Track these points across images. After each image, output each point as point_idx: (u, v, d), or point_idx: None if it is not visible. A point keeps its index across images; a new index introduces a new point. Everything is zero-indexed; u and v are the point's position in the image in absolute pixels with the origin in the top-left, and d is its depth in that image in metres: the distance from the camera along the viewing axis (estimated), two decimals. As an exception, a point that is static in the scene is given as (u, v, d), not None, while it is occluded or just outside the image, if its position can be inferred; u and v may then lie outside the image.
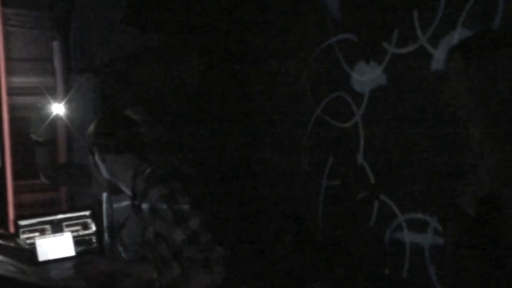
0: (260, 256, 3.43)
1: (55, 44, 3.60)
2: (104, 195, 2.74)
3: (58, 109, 2.79)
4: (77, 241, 2.82)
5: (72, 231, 2.83)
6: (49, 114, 2.67)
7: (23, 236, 2.74)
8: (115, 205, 2.61)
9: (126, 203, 2.43)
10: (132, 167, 2.14)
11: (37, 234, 2.77)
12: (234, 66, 4.09)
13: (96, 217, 2.89)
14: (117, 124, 2.20)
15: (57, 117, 2.72)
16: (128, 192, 2.17)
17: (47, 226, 2.80)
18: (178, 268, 2.04)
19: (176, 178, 2.06)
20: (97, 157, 2.19)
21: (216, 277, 1.92)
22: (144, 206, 2.05)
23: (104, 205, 2.75)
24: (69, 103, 3.06)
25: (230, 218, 3.69)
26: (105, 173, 2.20)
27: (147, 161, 2.17)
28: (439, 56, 2.70)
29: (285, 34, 3.82)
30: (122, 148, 2.15)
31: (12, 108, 3.36)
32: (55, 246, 2.77)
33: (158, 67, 3.94)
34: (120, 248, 2.56)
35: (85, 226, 2.86)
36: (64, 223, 2.84)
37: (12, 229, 2.89)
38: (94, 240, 2.86)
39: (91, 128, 2.24)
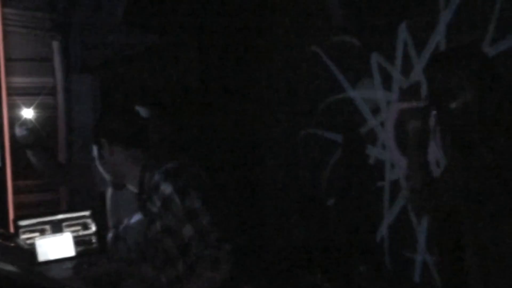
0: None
1: (55, 44, 3.59)
2: (109, 192, 2.73)
3: (27, 113, 2.79)
4: (77, 241, 2.81)
5: (72, 231, 2.83)
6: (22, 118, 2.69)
7: (23, 236, 2.74)
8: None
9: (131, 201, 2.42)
10: (141, 161, 2.13)
11: (37, 234, 2.77)
12: (234, 64, 4.09)
13: (96, 217, 2.89)
14: (127, 118, 2.18)
15: (32, 120, 2.72)
16: (133, 187, 2.15)
17: (47, 226, 2.80)
18: (183, 265, 2.03)
19: (188, 173, 2.05)
20: (104, 150, 2.16)
21: (223, 275, 1.92)
22: (153, 200, 2.03)
23: (109, 203, 2.74)
24: (68, 104, 3.06)
25: (236, 213, 3.69)
26: (110, 167, 2.17)
27: (155, 156, 2.15)
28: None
29: (287, 33, 3.83)
30: (132, 142, 2.14)
31: (12, 108, 3.35)
32: (55, 246, 2.77)
33: (158, 67, 3.94)
34: (123, 249, 2.56)
35: (85, 226, 2.86)
36: (64, 223, 2.83)
37: (12, 229, 2.89)
38: (94, 240, 2.85)
39: (100, 120, 2.22)
